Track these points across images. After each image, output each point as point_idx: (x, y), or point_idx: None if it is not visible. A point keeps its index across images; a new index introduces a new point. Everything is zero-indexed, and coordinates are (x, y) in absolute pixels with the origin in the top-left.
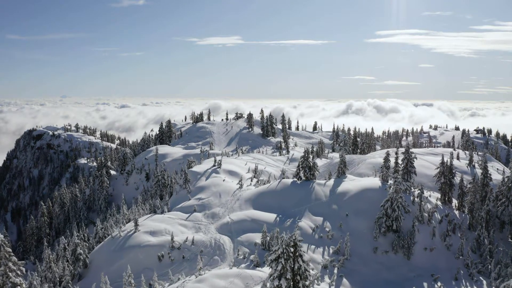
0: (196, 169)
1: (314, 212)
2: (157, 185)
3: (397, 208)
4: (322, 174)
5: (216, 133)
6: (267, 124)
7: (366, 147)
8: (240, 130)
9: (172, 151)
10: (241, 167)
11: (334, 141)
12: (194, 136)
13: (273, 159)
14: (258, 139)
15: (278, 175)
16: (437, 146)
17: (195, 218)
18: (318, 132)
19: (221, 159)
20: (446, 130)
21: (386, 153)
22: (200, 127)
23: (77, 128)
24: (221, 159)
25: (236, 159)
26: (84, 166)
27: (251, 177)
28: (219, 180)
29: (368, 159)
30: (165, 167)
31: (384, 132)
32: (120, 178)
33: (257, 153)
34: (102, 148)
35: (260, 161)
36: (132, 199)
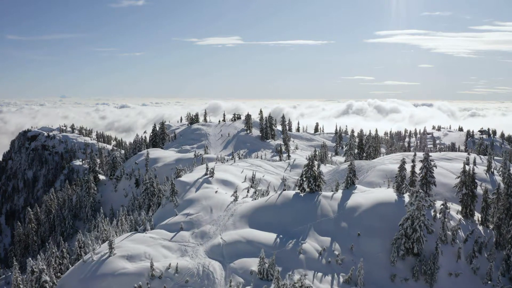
0: (185, 179)
1: (321, 231)
2: (146, 194)
3: (418, 228)
4: (328, 183)
5: (212, 135)
6: (266, 126)
7: (372, 150)
8: (237, 132)
9: (164, 155)
10: (236, 175)
11: (337, 143)
12: (188, 139)
13: (273, 165)
14: (256, 142)
15: (278, 184)
16: (441, 147)
17: (182, 238)
18: (320, 133)
19: (213, 167)
20: (449, 131)
21: (401, 160)
22: (195, 129)
23: (72, 128)
24: (213, 167)
25: (231, 165)
26: (79, 168)
27: (247, 187)
28: (211, 191)
29: (377, 166)
30: (156, 172)
31: (386, 133)
32: (109, 183)
33: (255, 159)
34: (98, 150)
35: (258, 168)
36: (120, 207)
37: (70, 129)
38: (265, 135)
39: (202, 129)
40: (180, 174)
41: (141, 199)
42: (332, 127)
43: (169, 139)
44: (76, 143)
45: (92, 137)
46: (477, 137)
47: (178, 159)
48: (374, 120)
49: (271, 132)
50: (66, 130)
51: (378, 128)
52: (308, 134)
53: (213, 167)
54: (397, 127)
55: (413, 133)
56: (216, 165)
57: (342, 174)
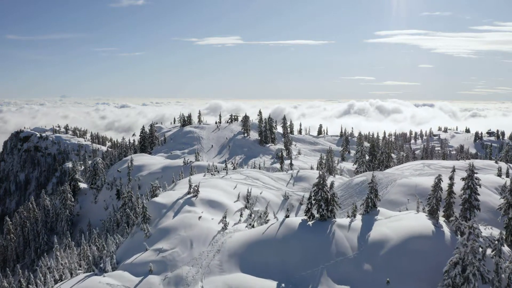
0: (162, 200)
1: (337, 277)
2: (123, 210)
3: (472, 277)
4: (340, 202)
5: (205, 139)
6: (266, 129)
7: (385, 157)
8: (234, 135)
9: (150, 161)
10: (228, 192)
11: (344, 148)
12: (179, 143)
13: (272, 177)
14: (254, 147)
15: (279, 202)
16: (449, 150)
17: (149, 285)
18: (324, 136)
19: (198, 183)
20: (456, 133)
21: (437, 178)
22: (187, 131)
23: (66, 129)
24: (198, 184)
25: (223, 178)
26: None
27: (241, 208)
28: (194, 216)
29: (398, 179)
30: (140, 182)
31: (390, 134)
32: (90, 193)
33: (251, 170)
34: (92, 151)
35: (255, 182)
36: (100, 222)
37: (64, 129)
38: (264, 138)
39: (194, 132)
40: (156, 192)
41: (118, 216)
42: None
43: (158, 142)
44: (70, 144)
45: (87, 138)
46: (485, 139)
47: (165, 167)
48: (376, 121)
49: (271, 136)
50: (60, 131)
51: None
52: (311, 137)
53: (197, 183)
54: (399, 127)
55: (419, 135)
56: (204, 178)
57: (356, 190)
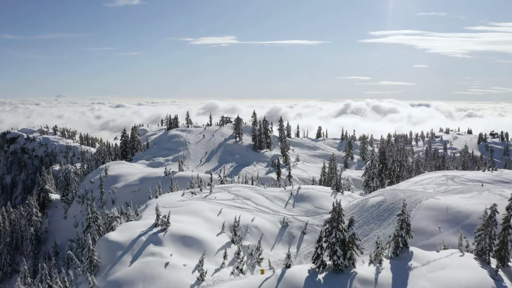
0: (118, 236)
1: None
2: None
3: None
4: None
5: (193, 143)
6: (261, 132)
7: (396, 166)
8: (224, 140)
9: (129, 170)
10: (210, 221)
11: (347, 153)
12: (163, 148)
13: (267, 195)
14: (248, 153)
15: (275, 232)
16: (453, 152)
17: None
18: (323, 139)
19: (168, 214)
20: (459, 134)
21: (491, 209)
22: (173, 135)
23: (55, 130)
24: (168, 214)
25: (205, 199)
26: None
27: (226, 244)
28: (158, 262)
29: (424, 199)
30: (115, 196)
31: (390, 135)
32: (61, 206)
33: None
34: (80, 153)
35: (245, 203)
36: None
37: (53, 130)
38: (258, 144)
39: (181, 136)
40: (113, 225)
41: (83, 240)
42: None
43: (141, 148)
44: (57, 146)
45: (75, 139)
46: (489, 141)
47: (144, 178)
48: (373, 120)
49: (266, 140)
50: (48, 132)
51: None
52: (310, 140)
53: (168, 213)
54: (395, 127)
55: (420, 136)
56: (181, 200)
57: (373, 214)
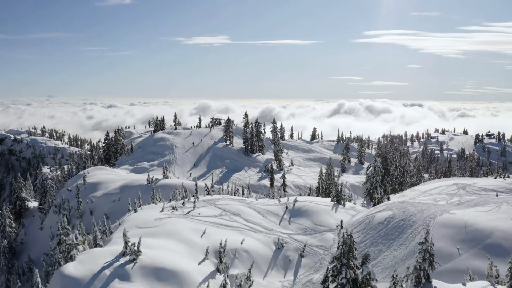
0: (76, 270)
1: None
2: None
3: None
4: None
5: (180, 147)
6: (252, 135)
7: (400, 172)
8: (214, 143)
9: (109, 177)
10: (191, 245)
11: (344, 156)
12: (148, 152)
13: (260, 209)
14: (239, 158)
15: (269, 256)
16: (450, 153)
17: None
18: (318, 141)
19: (138, 241)
20: (454, 135)
21: None
22: (159, 138)
23: (43, 131)
24: (138, 242)
25: (187, 216)
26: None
27: (209, 275)
28: None
29: (438, 215)
30: (93, 206)
31: (384, 135)
32: (38, 215)
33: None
34: (69, 155)
35: (234, 220)
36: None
37: (40, 131)
38: (250, 147)
39: (167, 139)
40: (73, 253)
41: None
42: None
43: (125, 151)
44: (46, 148)
45: (64, 140)
46: (486, 141)
47: (125, 185)
48: (366, 120)
49: (259, 143)
50: (36, 133)
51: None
52: (305, 142)
53: (137, 241)
54: (389, 127)
55: (415, 137)
56: (158, 219)
57: (381, 232)
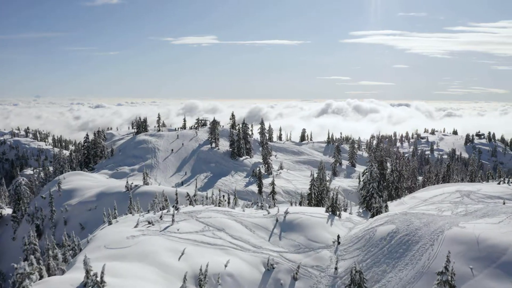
0: None
1: None
2: None
3: None
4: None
5: (163, 150)
6: (239, 137)
7: (396, 177)
8: (199, 146)
9: (87, 183)
10: (166, 270)
11: (336, 158)
12: (129, 156)
13: (247, 222)
14: (225, 161)
15: (257, 280)
16: (440, 154)
17: None
18: (308, 143)
19: (102, 271)
20: (444, 135)
21: None
22: (141, 141)
23: (26, 132)
24: (102, 272)
25: (164, 232)
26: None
27: None
28: None
29: (446, 229)
30: (67, 215)
31: (373, 136)
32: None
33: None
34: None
35: (218, 236)
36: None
37: (24, 132)
38: (237, 150)
39: (150, 142)
40: (25, 284)
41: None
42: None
43: (105, 155)
44: (29, 149)
45: (48, 141)
46: (476, 141)
47: (101, 193)
48: (354, 120)
49: (246, 146)
50: (20, 134)
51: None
52: (294, 144)
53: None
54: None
55: (405, 137)
56: (131, 236)
57: (384, 250)
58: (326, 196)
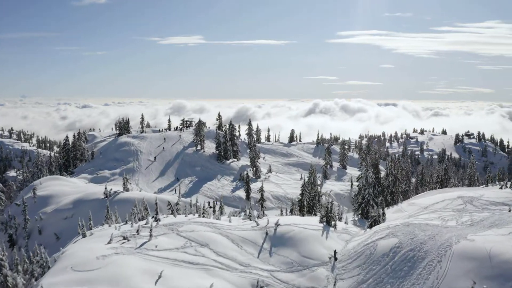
0: None
1: None
2: None
3: None
4: None
5: (145, 153)
6: (226, 139)
7: (391, 181)
8: (183, 148)
9: (64, 189)
10: None
11: (327, 161)
12: (110, 159)
13: (234, 236)
14: (210, 164)
15: None
16: (430, 154)
17: None
18: (297, 144)
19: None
20: (434, 135)
21: None
22: (123, 143)
23: (10, 133)
24: None
25: (140, 250)
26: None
27: None
28: None
29: (454, 243)
30: (42, 224)
31: (362, 136)
32: None
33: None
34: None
35: (201, 253)
36: None
37: (8, 133)
38: (223, 153)
39: (132, 144)
40: None
41: None
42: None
43: (85, 158)
44: (13, 150)
45: (32, 142)
46: (466, 141)
47: (79, 200)
48: (342, 120)
49: (233, 148)
50: (3, 135)
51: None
52: (283, 145)
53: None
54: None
55: (393, 137)
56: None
57: (387, 268)
58: (318, 203)
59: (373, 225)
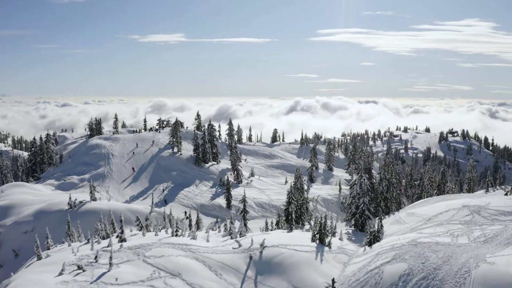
0: None
1: None
2: None
3: None
4: None
5: (118, 156)
6: (205, 141)
7: (384, 186)
8: (159, 150)
9: (27, 198)
10: None
11: (313, 163)
12: (80, 163)
13: (212, 261)
14: (188, 169)
15: None
16: (415, 153)
17: None
18: (280, 144)
19: None
20: (417, 133)
21: None
22: (94, 145)
23: None
24: None
25: (95, 285)
26: None
27: None
28: None
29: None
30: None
31: (344, 134)
32: None
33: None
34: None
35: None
36: None
37: None
38: (202, 155)
39: (103, 146)
40: None
41: None
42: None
43: (54, 162)
44: None
45: (8, 143)
46: (450, 139)
47: (40, 211)
48: (323, 117)
49: (212, 150)
50: None
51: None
52: (265, 146)
53: None
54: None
55: (377, 135)
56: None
57: None
58: (306, 211)
59: (372, 242)
